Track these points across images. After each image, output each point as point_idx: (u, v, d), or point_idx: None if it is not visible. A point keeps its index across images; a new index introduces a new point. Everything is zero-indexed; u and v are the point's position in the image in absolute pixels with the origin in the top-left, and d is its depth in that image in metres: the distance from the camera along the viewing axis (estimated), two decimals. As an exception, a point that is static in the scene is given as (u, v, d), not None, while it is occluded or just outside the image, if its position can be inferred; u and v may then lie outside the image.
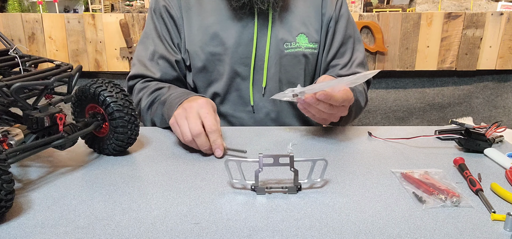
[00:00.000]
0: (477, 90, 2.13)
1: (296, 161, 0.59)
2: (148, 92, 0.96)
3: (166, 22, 1.00)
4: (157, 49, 1.00)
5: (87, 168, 0.69)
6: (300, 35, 1.01)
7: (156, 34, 1.01)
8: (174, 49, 1.00)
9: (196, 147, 0.74)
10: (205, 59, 0.98)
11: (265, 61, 0.99)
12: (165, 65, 0.99)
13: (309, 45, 1.02)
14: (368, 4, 2.23)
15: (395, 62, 2.02)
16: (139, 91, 0.99)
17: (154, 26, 1.01)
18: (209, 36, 0.97)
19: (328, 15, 1.03)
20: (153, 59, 1.00)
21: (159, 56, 0.99)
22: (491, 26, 1.97)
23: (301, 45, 1.01)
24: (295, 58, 1.01)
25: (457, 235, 0.50)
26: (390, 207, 0.56)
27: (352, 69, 1.04)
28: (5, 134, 0.59)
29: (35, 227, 0.51)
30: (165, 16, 0.99)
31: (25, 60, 0.69)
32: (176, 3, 0.99)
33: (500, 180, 0.65)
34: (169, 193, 0.60)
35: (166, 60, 0.99)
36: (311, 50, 1.02)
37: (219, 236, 0.49)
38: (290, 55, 1.00)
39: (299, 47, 1.01)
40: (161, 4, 0.99)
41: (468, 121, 0.90)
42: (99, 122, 0.71)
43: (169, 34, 1.00)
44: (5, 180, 0.50)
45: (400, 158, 0.73)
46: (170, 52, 1.00)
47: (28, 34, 1.99)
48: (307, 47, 1.01)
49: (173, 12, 0.99)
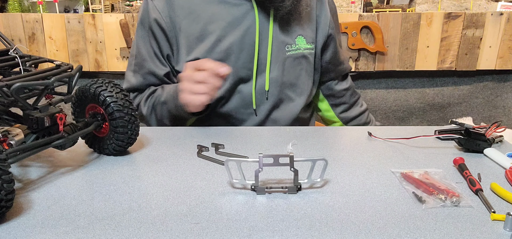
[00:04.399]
0: (477, 90, 2.13)
1: (296, 161, 0.59)
2: (144, 98, 1.00)
3: (156, 34, 0.98)
4: (144, 62, 1.00)
5: (87, 168, 0.69)
6: (298, 37, 1.01)
7: (144, 48, 1.00)
8: (163, 62, 1.00)
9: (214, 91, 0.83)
10: None
11: (267, 65, 0.99)
12: (151, 79, 1.00)
13: (307, 46, 1.03)
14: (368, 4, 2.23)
15: (395, 62, 2.02)
16: (133, 99, 1.03)
17: (142, 39, 1.00)
18: (211, 44, 0.96)
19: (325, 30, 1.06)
20: (139, 72, 1.01)
21: (146, 70, 1.00)
22: (491, 26, 1.97)
23: (300, 46, 1.01)
24: (296, 60, 1.01)
25: (457, 235, 0.50)
26: (390, 207, 0.56)
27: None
28: (5, 134, 0.59)
29: (35, 227, 0.51)
30: (155, 28, 0.97)
31: (25, 60, 0.69)
32: (168, 14, 0.96)
33: (500, 180, 0.65)
34: (169, 193, 0.60)
35: (153, 74, 1.00)
36: (309, 50, 1.03)
37: (219, 236, 0.49)
38: (291, 57, 1.00)
39: (299, 49, 1.01)
40: (152, 17, 0.97)
41: (468, 121, 0.90)
42: (99, 122, 0.71)
43: (159, 46, 0.99)
44: (5, 180, 0.50)
45: (400, 158, 0.73)
46: (157, 66, 1.00)
47: (28, 34, 1.99)
48: (306, 48, 1.02)
49: (164, 24, 0.96)
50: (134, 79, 1.02)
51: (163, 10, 0.96)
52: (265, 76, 0.99)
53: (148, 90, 1.01)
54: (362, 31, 1.97)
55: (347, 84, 1.17)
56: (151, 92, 1.00)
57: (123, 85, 1.04)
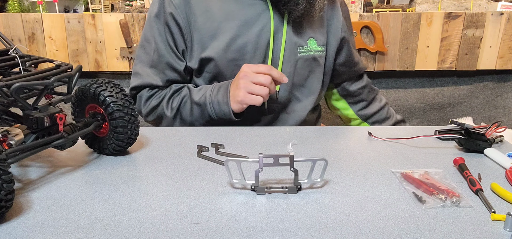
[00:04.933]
0: (477, 90, 2.13)
1: (296, 161, 0.59)
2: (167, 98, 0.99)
3: (171, 29, 0.98)
4: (162, 58, 0.99)
5: (87, 168, 0.69)
6: (310, 39, 1.02)
7: (161, 41, 0.99)
8: (180, 57, 1.00)
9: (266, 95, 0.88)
10: (222, 65, 0.97)
11: (279, 65, 0.99)
12: (171, 74, 0.99)
13: (318, 49, 1.03)
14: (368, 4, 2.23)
15: (395, 62, 2.02)
16: (148, 99, 1.01)
17: (158, 32, 0.99)
18: (226, 42, 0.96)
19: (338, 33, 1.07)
20: (157, 68, 1.00)
21: (165, 65, 0.99)
22: (491, 26, 1.97)
23: (312, 48, 1.02)
24: (307, 61, 1.02)
25: (457, 235, 0.50)
26: (390, 207, 0.56)
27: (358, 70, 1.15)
28: (5, 134, 0.59)
29: (35, 227, 0.51)
30: (171, 23, 0.97)
31: (25, 60, 0.69)
32: (183, 10, 0.97)
33: (500, 180, 0.65)
34: (169, 193, 0.60)
35: (173, 68, 0.99)
36: (320, 53, 1.04)
37: (219, 236, 0.49)
38: (302, 59, 1.01)
39: (310, 51, 1.02)
40: (168, 11, 0.97)
41: (468, 121, 0.90)
42: (99, 122, 0.71)
43: (175, 41, 0.99)
44: (5, 180, 0.50)
45: (400, 158, 0.73)
46: (176, 61, 0.99)
47: (28, 34, 1.99)
48: (317, 50, 1.03)
49: (180, 19, 0.97)
50: (152, 74, 1.00)
51: (179, 6, 0.97)
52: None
53: (170, 90, 0.99)
54: (362, 31, 1.97)
55: (363, 83, 1.16)
56: (174, 91, 0.99)
57: (133, 81, 1.02)
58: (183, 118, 0.99)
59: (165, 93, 1.00)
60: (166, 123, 1.01)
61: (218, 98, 0.91)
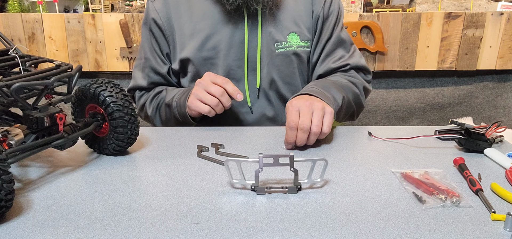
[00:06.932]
0: (477, 90, 2.13)
1: (296, 161, 0.59)
2: (150, 99, 1.03)
3: (155, 34, 1.01)
4: (147, 61, 1.04)
5: (87, 168, 0.69)
6: (291, 34, 1.00)
7: (147, 46, 1.04)
8: (164, 60, 1.03)
9: (219, 109, 0.86)
10: (198, 64, 0.98)
11: (257, 62, 0.98)
12: (154, 76, 1.04)
13: (301, 44, 1.01)
14: (368, 4, 2.23)
15: (395, 62, 2.02)
16: (139, 98, 1.07)
17: (146, 38, 1.04)
18: (200, 41, 0.97)
19: (316, 13, 1.02)
20: (144, 71, 1.05)
21: (149, 68, 1.04)
22: (491, 26, 1.97)
23: (293, 44, 1.00)
24: (287, 58, 1.00)
25: (457, 235, 0.50)
26: (390, 207, 0.56)
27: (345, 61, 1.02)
28: (5, 134, 0.59)
29: (35, 227, 0.51)
30: (154, 28, 1.01)
31: (25, 60, 0.69)
32: (165, 14, 0.99)
33: (500, 180, 0.65)
34: (169, 193, 0.60)
35: (155, 71, 1.03)
36: (303, 48, 1.02)
37: (219, 236, 0.49)
38: (281, 55, 1.00)
39: (291, 46, 1.00)
40: (150, 17, 1.01)
41: (468, 121, 0.90)
42: (99, 122, 0.71)
43: (159, 45, 1.02)
44: (5, 180, 0.50)
45: (400, 158, 0.73)
46: (159, 64, 1.03)
47: (28, 34, 1.99)
48: (299, 45, 1.01)
49: (162, 23, 0.99)
50: (140, 77, 1.05)
51: (161, 10, 1.00)
52: (256, 74, 0.99)
53: (153, 91, 1.04)
54: (362, 31, 1.97)
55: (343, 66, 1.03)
56: (156, 93, 1.03)
57: (130, 84, 1.08)
58: (161, 118, 1.02)
59: (150, 94, 1.04)
60: (154, 123, 1.06)
61: (181, 101, 0.93)
